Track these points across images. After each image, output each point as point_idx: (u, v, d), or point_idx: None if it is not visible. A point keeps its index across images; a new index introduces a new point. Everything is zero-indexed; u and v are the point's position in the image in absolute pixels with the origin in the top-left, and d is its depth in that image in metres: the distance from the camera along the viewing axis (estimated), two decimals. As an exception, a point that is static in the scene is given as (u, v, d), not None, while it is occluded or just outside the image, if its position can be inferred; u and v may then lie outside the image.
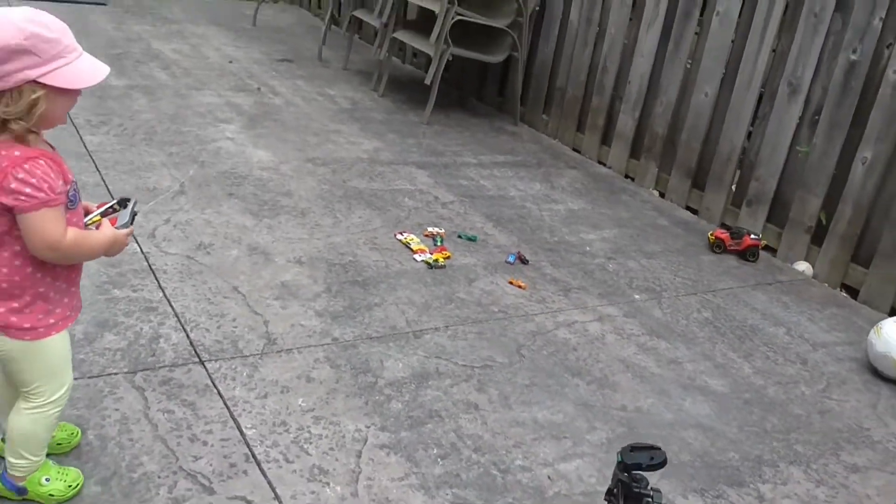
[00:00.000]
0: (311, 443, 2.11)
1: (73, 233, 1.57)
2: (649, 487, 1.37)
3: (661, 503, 1.41)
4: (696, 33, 4.38)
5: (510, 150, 4.85)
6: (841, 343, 3.19)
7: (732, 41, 4.19)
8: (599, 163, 4.94)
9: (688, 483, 2.22)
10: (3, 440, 1.86)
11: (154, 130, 4.08)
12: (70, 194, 1.58)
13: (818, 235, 3.88)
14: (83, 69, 1.52)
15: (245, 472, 1.97)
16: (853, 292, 3.74)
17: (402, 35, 5.12)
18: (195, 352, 2.39)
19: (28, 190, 1.48)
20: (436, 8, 4.76)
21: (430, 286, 3.03)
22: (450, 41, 4.75)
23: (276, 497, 1.91)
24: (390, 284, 2.98)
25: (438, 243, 3.37)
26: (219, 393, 2.24)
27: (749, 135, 4.20)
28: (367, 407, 2.29)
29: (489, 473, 2.12)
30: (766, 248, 4.00)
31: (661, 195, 4.61)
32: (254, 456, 2.02)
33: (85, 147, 3.66)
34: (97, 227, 1.66)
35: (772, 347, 3.05)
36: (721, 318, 3.21)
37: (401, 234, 3.38)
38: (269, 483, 1.95)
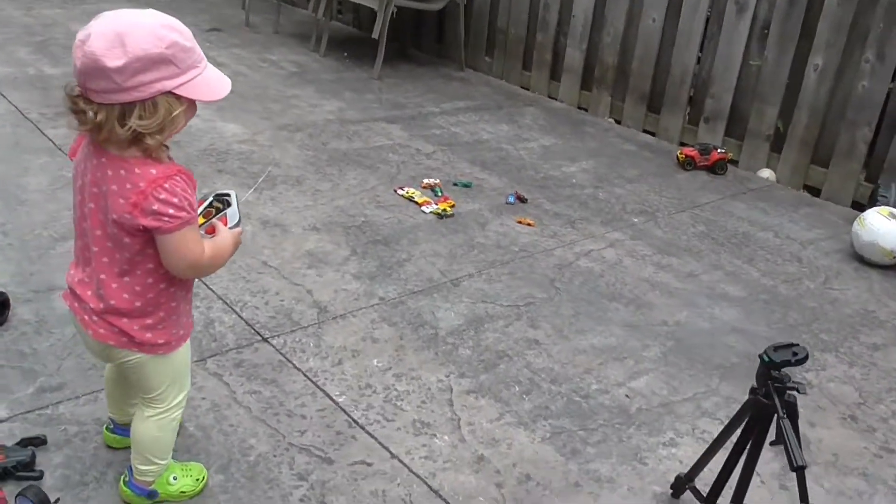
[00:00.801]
0: (402, 399, 2.16)
1: (209, 247, 1.52)
2: (794, 381, 1.50)
3: (806, 393, 1.55)
4: (639, -39, 4.49)
5: (466, 96, 4.88)
6: (823, 238, 3.44)
7: (676, -35, 4.32)
8: (551, 98, 5.04)
9: (747, 382, 2.38)
10: (108, 429, 1.84)
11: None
12: None
13: (777, 143, 4.12)
14: (212, 80, 1.44)
15: (353, 437, 2.00)
16: (815, 192, 4.00)
17: (339, -9, 5.02)
18: (254, 330, 2.38)
19: (171, 211, 1.41)
20: (376, -40, 4.69)
21: (448, 235, 3.08)
22: (392, -8, 4.71)
23: (393, 455, 1.96)
24: (410, 239, 3.01)
25: (439, 194, 3.40)
26: (295, 366, 2.24)
27: (699, 56, 4.37)
28: (439, 357, 2.35)
29: (573, 401, 2.23)
30: (730, 160, 4.21)
31: (618, 122, 4.76)
32: (355, 421, 2.06)
33: (52, 142, 3.47)
34: (208, 231, 1.60)
35: (768, 250, 3.26)
36: (715, 229, 3.40)
37: (400, 189, 3.40)
38: (381, 444, 1.99)
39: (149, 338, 1.57)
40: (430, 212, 3.23)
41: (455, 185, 3.54)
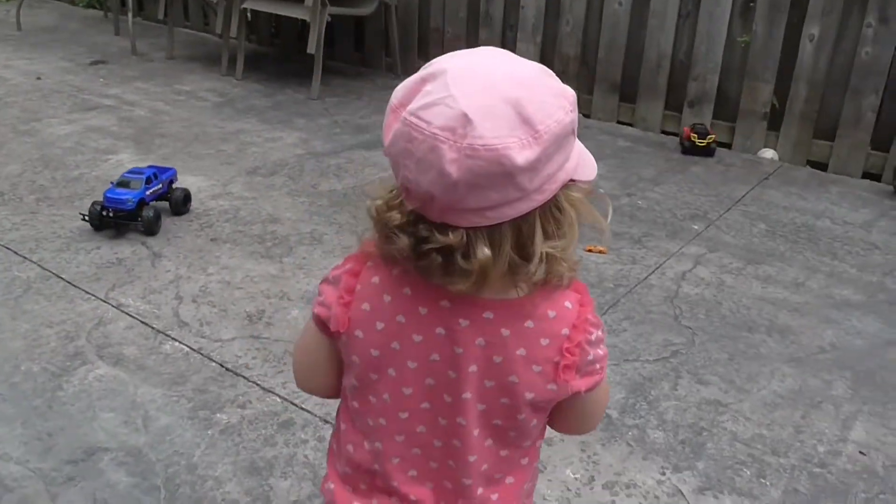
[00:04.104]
0: (638, 520, 1.67)
1: None
2: None
3: None
4: (601, -59, 4.14)
5: (424, 107, 4.35)
6: (875, 218, 3.24)
7: (647, -58, 4.01)
8: (504, 99, 4.61)
9: (955, 406, 2.10)
10: None
11: (39, 185, 3.06)
12: None
13: (774, 121, 3.92)
14: (581, 147, 0.88)
15: (621, 592, 1.50)
16: (818, 167, 3.84)
17: (255, 4, 4.30)
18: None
19: (600, 351, 0.93)
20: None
21: (526, 281, 2.59)
22: (326, 0, 4.09)
23: None
24: (489, 294, 2.49)
25: (482, 230, 2.89)
26: None
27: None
28: (635, 449, 1.88)
29: (814, 474, 1.83)
30: (719, 143, 3.95)
31: (586, 116, 4.41)
32: (608, 567, 1.55)
33: (-25, 234, 2.64)
34: None
35: (841, 241, 3.01)
36: (776, 226, 3.12)
37: (439, 231, 2.86)
38: None
39: None
40: (489, 254, 2.72)
41: (489, 215, 3.04)
